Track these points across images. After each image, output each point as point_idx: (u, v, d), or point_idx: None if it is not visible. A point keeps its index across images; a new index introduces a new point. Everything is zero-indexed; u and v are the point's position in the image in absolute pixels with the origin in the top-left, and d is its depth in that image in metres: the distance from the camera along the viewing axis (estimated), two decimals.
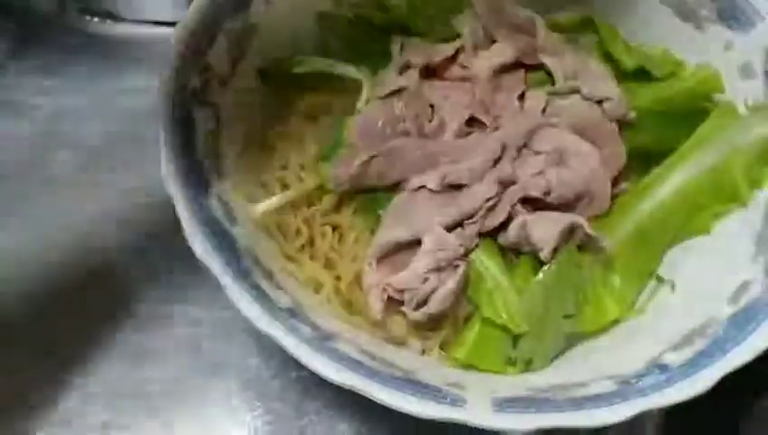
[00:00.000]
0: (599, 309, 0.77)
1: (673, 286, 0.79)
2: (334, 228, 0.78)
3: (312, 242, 0.77)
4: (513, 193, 0.75)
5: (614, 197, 0.81)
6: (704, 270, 0.79)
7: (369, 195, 0.77)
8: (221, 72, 0.80)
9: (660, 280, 0.80)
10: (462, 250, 0.72)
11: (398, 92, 0.79)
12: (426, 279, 0.71)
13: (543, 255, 0.73)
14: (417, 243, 0.73)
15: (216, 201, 0.74)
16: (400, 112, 0.78)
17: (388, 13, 0.85)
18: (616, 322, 0.78)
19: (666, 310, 0.78)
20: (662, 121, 0.82)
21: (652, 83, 0.83)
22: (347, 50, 0.84)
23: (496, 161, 0.76)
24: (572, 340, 0.77)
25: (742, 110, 0.81)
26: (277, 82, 0.84)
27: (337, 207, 0.77)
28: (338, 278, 0.76)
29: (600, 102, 0.80)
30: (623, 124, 0.81)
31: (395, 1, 0.86)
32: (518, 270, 0.75)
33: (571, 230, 0.74)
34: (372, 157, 0.75)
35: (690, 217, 0.80)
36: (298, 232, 0.77)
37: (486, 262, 0.74)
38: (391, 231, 0.73)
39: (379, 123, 0.77)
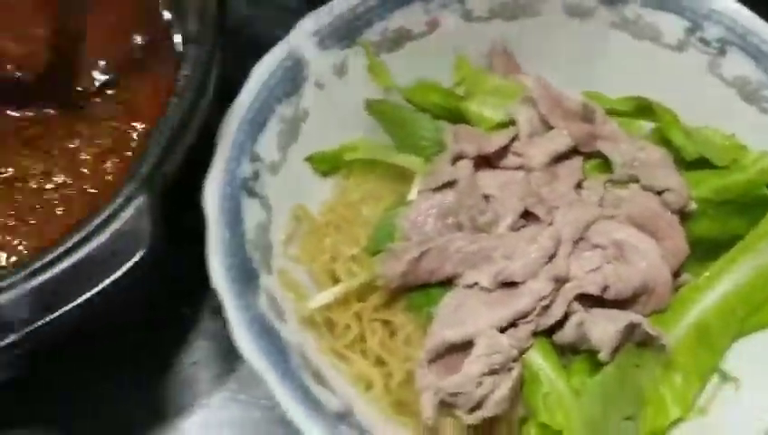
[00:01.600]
0: (660, 410, 0.74)
1: (738, 384, 0.75)
2: (384, 324, 0.75)
3: (361, 338, 0.75)
4: (569, 290, 0.73)
5: (675, 289, 0.77)
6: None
7: (420, 290, 0.75)
8: (271, 160, 0.78)
9: (724, 376, 0.77)
10: (516, 353, 0.70)
11: (450, 184, 0.76)
12: (480, 383, 0.69)
13: (602, 356, 0.70)
14: (470, 344, 0.71)
15: (264, 297, 0.72)
16: (453, 205, 0.76)
17: (439, 99, 0.83)
18: (677, 423, 0.75)
19: (731, 409, 0.75)
20: (724, 211, 0.79)
21: (713, 172, 0.79)
22: (397, 136, 0.82)
23: (551, 257, 0.73)
24: None
25: None
26: (326, 168, 0.82)
27: (388, 303, 0.75)
28: (388, 376, 0.73)
29: (659, 192, 0.77)
30: (684, 214, 0.78)
31: (447, 87, 0.84)
32: (575, 370, 0.72)
33: (630, 329, 0.71)
34: (424, 252, 0.73)
35: (755, 311, 0.77)
36: (347, 328, 0.75)
37: (542, 363, 0.71)
38: (443, 332, 0.71)
39: (431, 216, 0.75)
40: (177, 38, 0.83)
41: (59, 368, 0.75)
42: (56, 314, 0.65)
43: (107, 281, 0.66)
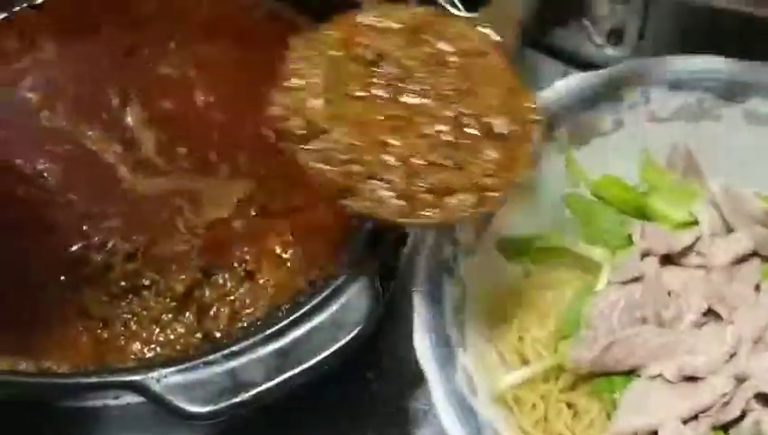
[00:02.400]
0: None
1: None
2: (569, 407, 0.80)
3: (545, 418, 0.80)
4: (748, 389, 0.77)
5: None
6: None
7: (605, 377, 0.79)
8: (467, 242, 0.85)
9: None
10: None
11: (638, 279, 0.81)
12: None
13: None
14: (654, 433, 0.75)
15: (461, 373, 0.78)
16: (640, 299, 0.80)
17: (624, 194, 0.88)
18: None
19: None
20: None
21: None
22: (584, 228, 0.87)
23: (732, 355, 0.78)
24: None
25: None
26: (515, 254, 0.88)
27: (573, 386, 0.80)
28: None
29: None
30: None
31: (634, 184, 0.89)
32: None
33: None
34: (612, 342, 0.78)
35: None
36: (534, 407, 0.80)
37: None
38: (628, 419, 0.76)
39: (619, 308, 0.80)
40: None
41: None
42: (282, 378, 0.71)
43: (330, 349, 0.72)
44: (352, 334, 0.73)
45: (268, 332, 0.72)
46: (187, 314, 0.83)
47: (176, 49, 1.00)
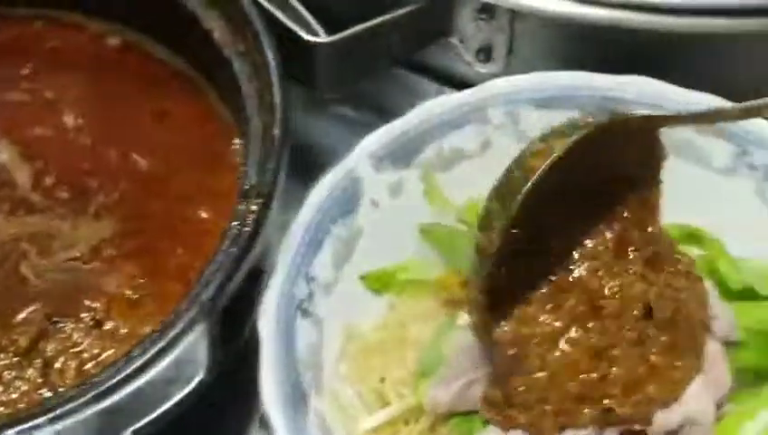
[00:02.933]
0: None
1: None
2: None
3: None
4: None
5: (717, 419, 0.78)
6: None
7: (465, 417, 0.76)
8: (325, 279, 0.81)
9: None
10: None
11: None
12: None
13: None
14: None
15: (313, 418, 0.75)
16: None
17: None
18: None
19: None
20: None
21: (759, 303, 0.80)
22: (449, 258, 0.84)
23: None
24: None
25: None
26: (379, 287, 0.85)
27: (433, 427, 0.77)
28: None
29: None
30: (728, 344, 0.79)
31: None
32: None
33: None
34: (472, 380, 0.75)
35: None
36: None
37: None
38: None
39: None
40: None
41: None
42: None
43: (166, 405, 0.69)
44: (187, 390, 0.69)
45: (95, 391, 0.67)
46: (31, 369, 0.78)
47: (29, 75, 0.95)
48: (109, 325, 0.81)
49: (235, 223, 0.75)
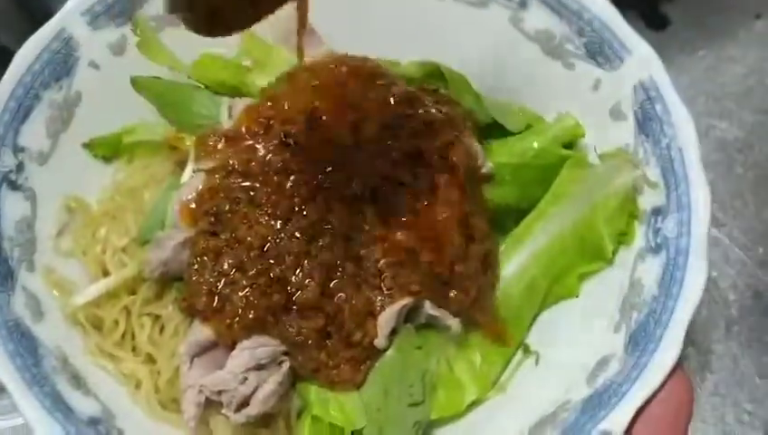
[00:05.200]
0: (454, 392, 0.70)
1: (537, 359, 0.72)
2: (155, 320, 0.70)
3: (132, 335, 0.71)
4: None
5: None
6: (568, 340, 0.72)
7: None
8: (39, 149, 0.73)
9: (527, 351, 0.73)
10: (283, 346, 0.65)
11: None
12: (245, 379, 0.65)
13: (378, 342, 0.66)
14: None
15: (21, 296, 0.68)
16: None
17: (224, 74, 0.78)
18: (476, 403, 0.71)
19: (527, 387, 0.71)
20: (522, 176, 0.75)
21: (509, 138, 0.75)
22: (172, 116, 0.77)
23: None
24: (426, 429, 0.70)
25: (593, 159, 0.73)
26: (106, 153, 0.78)
27: (158, 295, 0.71)
28: (157, 374, 0.69)
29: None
30: (482, 179, 0.74)
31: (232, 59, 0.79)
32: None
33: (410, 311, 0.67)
34: (188, 239, 0.68)
35: (557, 280, 0.73)
36: (116, 324, 0.70)
37: None
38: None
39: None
40: None
41: None
42: None
43: None
44: None
45: None
46: None
47: None
48: None
49: None
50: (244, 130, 0.71)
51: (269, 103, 0.72)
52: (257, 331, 0.65)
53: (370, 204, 0.68)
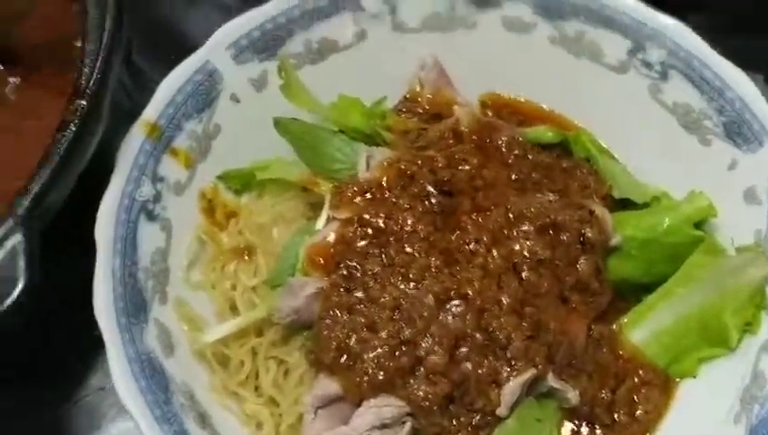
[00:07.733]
0: None
1: None
2: (280, 363, 0.72)
3: (256, 376, 0.72)
4: None
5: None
6: (686, 424, 0.72)
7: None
8: (176, 179, 0.75)
9: None
10: (408, 407, 0.66)
11: None
12: None
13: (500, 411, 0.67)
14: None
15: (153, 329, 0.69)
16: None
17: (359, 120, 0.79)
18: None
19: None
20: (649, 251, 0.75)
21: (639, 212, 0.76)
22: (308, 158, 0.78)
23: None
24: None
25: (728, 248, 0.73)
26: (238, 186, 0.79)
27: (285, 340, 0.72)
28: (279, 417, 0.70)
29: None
30: (608, 251, 0.74)
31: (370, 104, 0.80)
32: None
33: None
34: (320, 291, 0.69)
35: (676, 359, 0.73)
36: (241, 364, 0.72)
37: None
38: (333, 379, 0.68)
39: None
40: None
41: None
42: None
43: None
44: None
45: None
46: None
47: None
48: None
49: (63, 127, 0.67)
50: (384, 183, 0.72)
51: (413, 160, 0.72)
52: (384, 391, 0.66)
53: (514, 277, 0.68)
